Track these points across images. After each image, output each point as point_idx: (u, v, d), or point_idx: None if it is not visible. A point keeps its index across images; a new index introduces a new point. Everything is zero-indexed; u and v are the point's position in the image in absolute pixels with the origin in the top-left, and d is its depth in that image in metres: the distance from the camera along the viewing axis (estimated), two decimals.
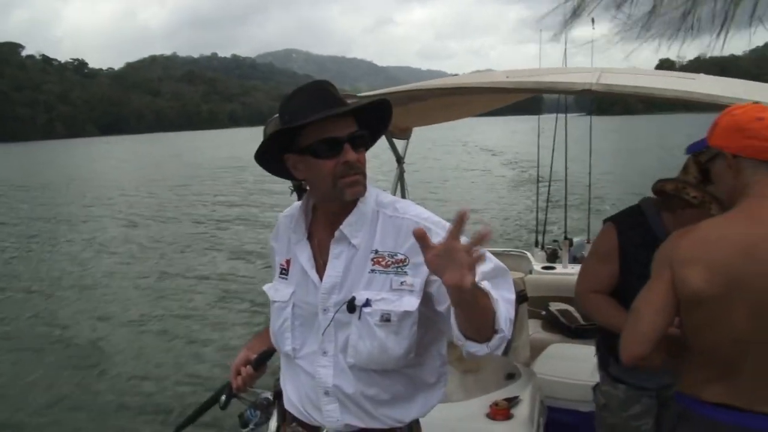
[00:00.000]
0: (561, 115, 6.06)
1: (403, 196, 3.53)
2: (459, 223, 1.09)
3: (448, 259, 1.09)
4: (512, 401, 2.37)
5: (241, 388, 1.69)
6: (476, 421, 2.31)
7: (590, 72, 2.06)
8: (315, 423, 1.52)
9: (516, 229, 12.98)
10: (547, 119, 6.47)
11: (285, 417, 1.66)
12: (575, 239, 5.50)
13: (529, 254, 4.77)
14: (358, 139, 1.42)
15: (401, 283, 1.40)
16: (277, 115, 2.16)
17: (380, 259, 1.42)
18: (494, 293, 1.26)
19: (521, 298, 3.31)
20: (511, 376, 2.58)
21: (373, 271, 1.42)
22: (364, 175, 1.44)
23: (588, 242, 5.04)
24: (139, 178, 30.74)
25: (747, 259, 1.50)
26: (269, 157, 1.49)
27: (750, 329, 1.52)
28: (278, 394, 1.72)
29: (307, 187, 2.50)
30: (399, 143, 3.62)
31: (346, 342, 1.44)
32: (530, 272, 4.36)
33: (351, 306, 1.42)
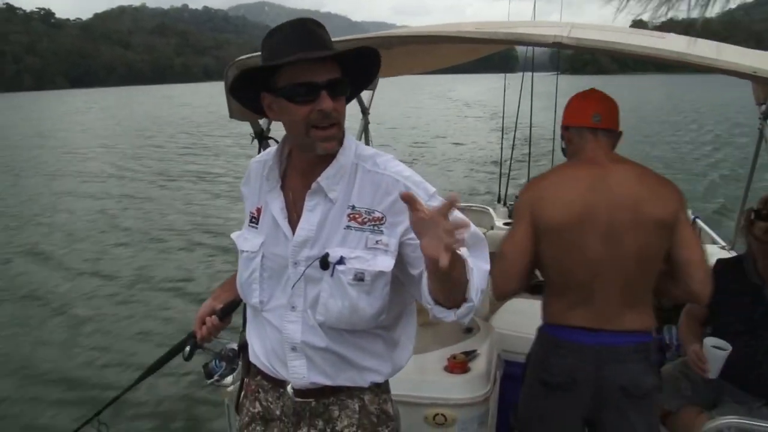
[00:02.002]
0: (530, 73, 6.00)
1: None
2: (448, 205, 1.05)
3: (431, 230, 1.07)
4: (470, 355, 2.39)
5: (206, 339, 1.62)
6: (434, 375, 2.32)
7: (561, 26, 2.03)
8: (280, 377, 1.48)
9: (478, 183, 12.98)
10: (519, 77, 6.42)
11: (249, 370, 1.62)
12: None
13: (491, 210, 4.75)
14: (337, 85, 1.31)
15: (376, 241, 1.34)
16: (241, 57, 2.10)
17: (357, 216, 1.36)
18: (470, 261, 1.22)
19: None
20: (469, 330, 2.60)
21: (348, 227, 1.36)
22: (340, 126, 1.35)
23: None
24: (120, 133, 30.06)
25: (594, 194, 1.81)
26: (245, 94, 1.40)
27: (600, 251, 1.81)
28: (243, 347, 1.69)
29: (270, 136, 2.50)
30: (364, 93, 3.42)
31: (317, 299, 1.38)
32: (492, 228, 4.35)
33: (324, 262, 1.35)
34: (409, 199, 1.09)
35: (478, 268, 1.27)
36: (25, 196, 14.14)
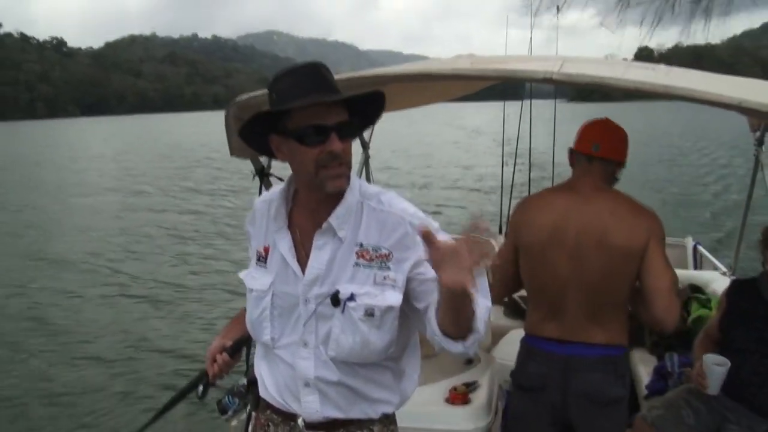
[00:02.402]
0: (537, 101, 6.06)
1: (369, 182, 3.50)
2: (473, 229, 1.11)
3: (453, 260, 1.11)
4: (471, 386, 2.40)
5: (218, 376, 1.64)
6: (435, 406, 2.33)
7: (552, 60, 2.07)
8: (291, 411, 1.50)
9: (481, 215, 13.00)
10: (524, 105, 6.46)
11: (258, 404, 1.64)
12: None
13: (492, 241, 4.77)
14: (345, 128, 1.35)
15: (384, 277, 1.38)
16: (241, 96, 2.16)
17: (365, 253, 1.39)
18: (475, 294, 1.24)
19: None
20: (470, 362, 2.61)
21: (357, 264, 1.39)
22: (348, 166, 1.38)
23: None
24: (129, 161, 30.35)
25: (565, 219, 2.02)
26: (253, 135, 1.44)
27: (567, 271, 2.01)
28: (252, 382, 1.70)
29: (270, 173, 2.55)
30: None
31: (328, 335, 1.41)
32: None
33: (335, 299, 1.38)
34: (426, 236, 1.14)
35: (482, 302, 1.29)
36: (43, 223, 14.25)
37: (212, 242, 11.86)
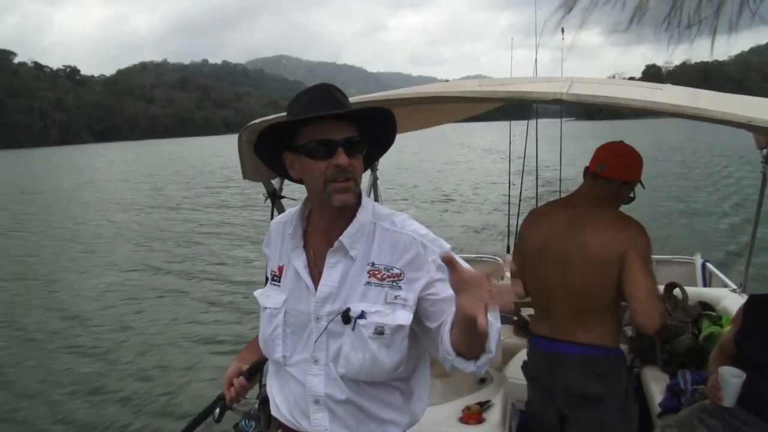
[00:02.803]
0: (544, 120, 6.08)
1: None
2: (493, 271, 1.17)
3: (471, 290, 1.17)
4: (484, 405, 2.40)
5: (234, 400, 1.67)
6: (449, 426, 2.33)
7: (561, 81, 2.10)
8: (302, 429, 1.51)
9: (489, 234, 12.95)
10: (533, 124, 6.50)
11: (270, 424, 1.66)
12: None
13: (500, 260, 4.79)
14: (353, 144, 1.40)
15: (395, 297, 1.41)
16: (254, 121, 2.21)
17: (376, 272, 1.42)
18: (489, 316, 1.28)
19: None
20: (482, 381, 2.60)
21: (368, 283, 1.42)
22: (356, 182, 1.43)
23: None
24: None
25: (554, 231, 2.26)
26: (269, 154, 1.50)
27: (552, 277, 2.25)
28: (264, 401, 1.72)
29: (282, 195, 2.60)
30: None
31: (338, 352, 1.43)
32: (502, 278, 4.40)
33: (346, 317, 1.41)
34: (449, 261, 1.20)
35: (493, 324, 1.31)
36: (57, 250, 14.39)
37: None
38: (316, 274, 1.47)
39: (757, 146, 3.31)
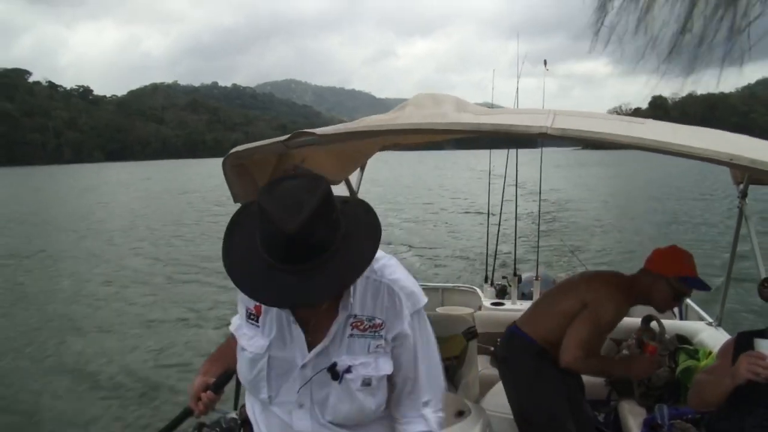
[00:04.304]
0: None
1: None
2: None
3: None
4: None
5: (203, 413, 1.66)
6: None
7: (544, 114, 2.10)
8: None
9: (466, 265, 12.87)
10: (527, 153, 6.58)
11: None
12: (524, 275, 5.44)
13: (479, 290, 4.81)
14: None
15: (377, 346, 1.41)
16: (237, 148, 2.20)
17: (359, 324, 1.41)
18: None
19: (471, 334, 3.34)
20: (460, 414, 2.56)
21: (352, 335, 1.42)
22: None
23: (536, 279, 4.98)
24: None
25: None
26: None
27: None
28: (245, 422, 1.71)
29: None
30: (353, 175, 3.48)
31: (325, 401, 1.43)
32: (480, 308, 4.39)
33: (333, 372, 1.40)
34: None
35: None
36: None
37: None
38: (302, 322, 1.43)
39: (734, 181, 3.32)
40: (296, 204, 1.21)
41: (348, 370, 1.40)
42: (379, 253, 1.48)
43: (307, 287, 1.22)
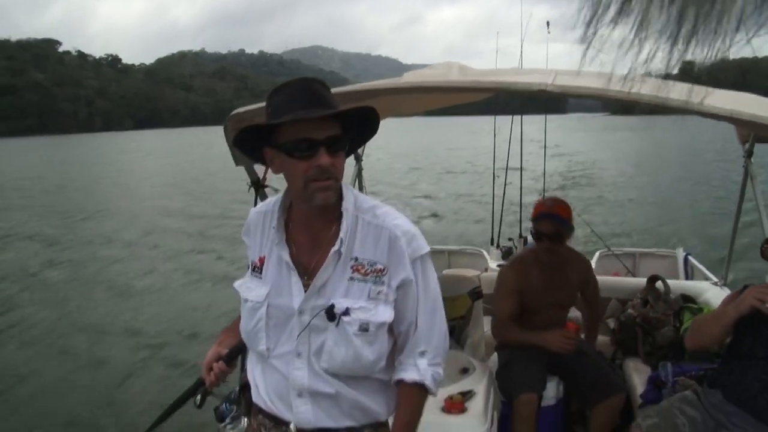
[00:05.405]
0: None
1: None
2: None
3: None
4: (467, 395, 2.42)
5: (215, 384, 1.68)
6: (431, 414, 2.31)
7: (546, 73, 2.10)
8: (284, 417, 1.53)
9: (473, 226, 12.94)
10: (554, 118, 6.47)
11: (251, 410, 1.67)
12: (530, 237, 5.45)
13: (485, 252, 4.86)
14: (335, 142, 1.38)
15: (378, 292, 1.42)
16: (238, 110, 2.26)
17: (360, 267, 1.42)
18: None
19: (476, 294, 3.39)
20: (465, 371, 2.62)
21: (352, 278, 1.43)
22: (337, 179, 1.41)
23: None
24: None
25: None
26: (249, 146, 1.49)
27: None
28: (244, 387, 1.74)
29: (267, 184, 2.63)
30: None
31: (321, 347, 1.45)
32: (486, 270, 4.44)
33: (330, 313, 1.41)
34: None
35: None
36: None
37: None
38: (301, 268, 1.47)
39: (740, 141, 3.26)
40: (305, 83, 1.41)
41: (346, 312, 1.41)
42: (377, 202, 1.53)
43: (325, 105, 1.38)
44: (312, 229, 1.47)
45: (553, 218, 2.80)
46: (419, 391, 1.51)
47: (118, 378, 6.14)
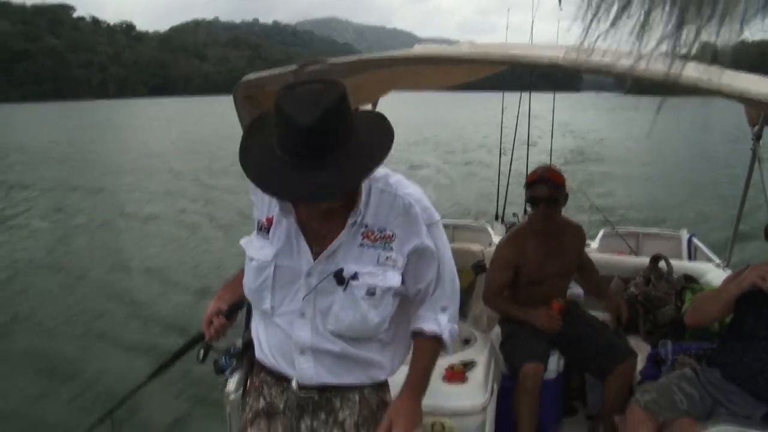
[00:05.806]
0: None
1: None
2: None
3: None
4: (468, 365, 2.46)
5: (215, 338, 1.71)
6: (432, 383, 2.38)
7: (557, 48, 2.08)
8: (287, 374, 1.58)
9: (477, 200, 12.91)
10: (565, 97, 6.42)
11: (253, 368, 1.71)
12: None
13: (489, 226, 4.83)
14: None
15: (387, 258, 1.45)
16: (248, 76, 2.23)
17: (370, 234, 1.46)
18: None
19: (480, 267, 3.42)
20: (467, 341, 2.66)
21: (362, 245, 1.46)
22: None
23: None
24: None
25: None
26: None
27: None
28: (248, 344, 1.79)
29: None
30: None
31: (328, 309, 1.48)
32: (490, 244, 4.42)
33: (339, 277, 1.44)
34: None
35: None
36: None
37: None
38: (309, 233, 1.49)
39: (749, 123, 3.22)
40: (313, 101, 1.27)
41: (355, 276, 1.44)
42: (389, 171, 1.54)
43: (317, 183, 1.29)
44: None
45: (547, 183, 2.82)
46: (436, 344, 1.59)
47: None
